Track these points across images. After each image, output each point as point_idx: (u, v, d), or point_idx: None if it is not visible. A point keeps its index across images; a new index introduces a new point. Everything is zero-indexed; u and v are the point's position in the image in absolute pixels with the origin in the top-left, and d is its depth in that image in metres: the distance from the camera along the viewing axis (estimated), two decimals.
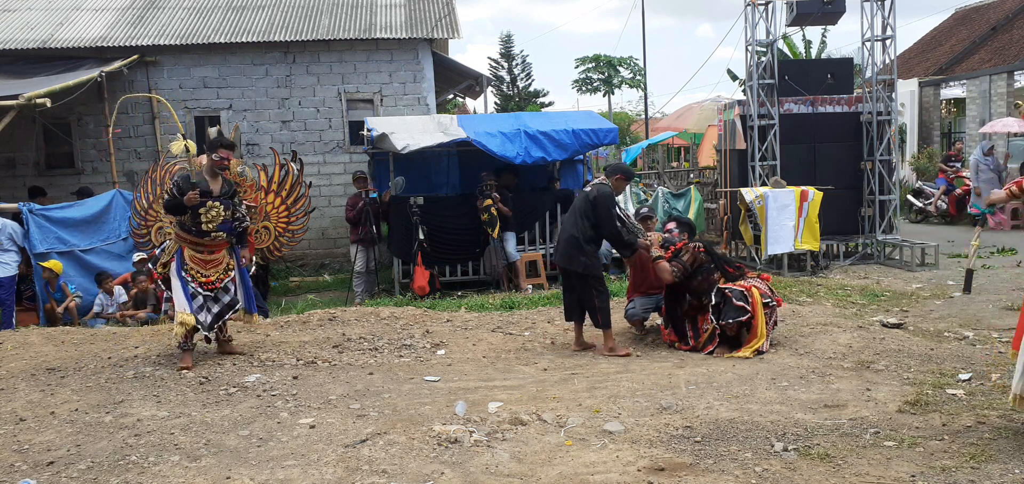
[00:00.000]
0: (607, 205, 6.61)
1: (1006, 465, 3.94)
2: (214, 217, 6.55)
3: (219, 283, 6.64)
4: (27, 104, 10.65)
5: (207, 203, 6.50)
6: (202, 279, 6.57)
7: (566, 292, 6.93)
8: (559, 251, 6.92)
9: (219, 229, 6.60)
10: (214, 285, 6.61)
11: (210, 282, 6.60)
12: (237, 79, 14.18)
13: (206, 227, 6.53)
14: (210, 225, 6.54)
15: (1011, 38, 20.58)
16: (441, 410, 5.16)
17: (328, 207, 14.23)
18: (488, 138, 10.78)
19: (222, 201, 6.61)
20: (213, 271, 6.64)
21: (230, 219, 6.73)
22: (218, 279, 6.64)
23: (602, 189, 6.70)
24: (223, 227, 6.63)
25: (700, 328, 6.67)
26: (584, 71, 42.03)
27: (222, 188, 6.66)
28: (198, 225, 6.52)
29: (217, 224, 6.57)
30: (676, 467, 4.10)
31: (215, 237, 6.60)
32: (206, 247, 6.62)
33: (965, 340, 6.70)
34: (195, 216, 6.50)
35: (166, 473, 4.22)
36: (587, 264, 6.66)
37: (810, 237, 10.19)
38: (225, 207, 6.63)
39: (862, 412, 4.86)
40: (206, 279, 6.58)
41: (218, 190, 6.61)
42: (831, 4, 11.54)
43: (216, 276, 6.64)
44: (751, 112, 11.29)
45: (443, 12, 14.99)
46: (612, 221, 6.63)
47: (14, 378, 6.24)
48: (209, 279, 6.59)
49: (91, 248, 10.50)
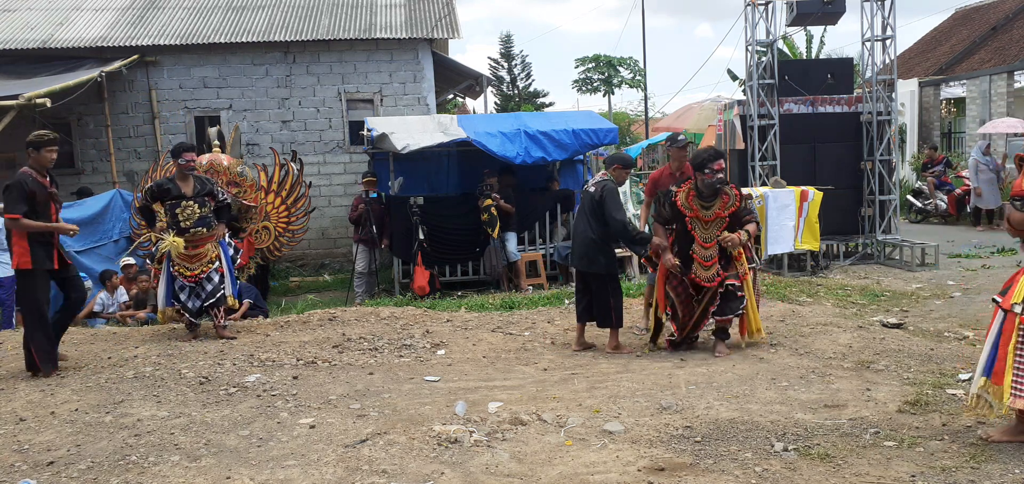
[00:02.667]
0: (613, 201, 6.62)
1: (1006, 465, 3.94)
2: (190, 215, 7.32)
3: (203, 274, 7.39)
4: (27, 104, 10.67)
5: (182, 203, 7.31)
6: (187, 273, 7.36)
7: (581, 294, 6.90)
8: (576, 255, 6.91)
9: (197, 225, 7.34)
10: (197, 277, 7.37)
11: (194, 274, 7.36)
12: (237, 79, 14.19)
13: (184, 224, 7.31)
14: (187, 223, 7.31)
15: (1011, 38, 20.58)
16: (441, 410, 5.15)
17: (328, 207, 14.24)
18: (488, 138, 10.79)
19: (196, 200, 7.34)
20: (197, 265, 7.38)
21: (207, 214, 7.42)
22: (201, 271, 7.38)
23: (606, 186, 6.68)
24: (201, 223, 7.36)
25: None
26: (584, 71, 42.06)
27: (195, 188, 7.38)
28: (177, 224, 7.32)
29: (194, 221, 7.32)
30: (676, 467, 4.10)
31: (195, 233, 7.34)
32: (189, 243, 7.35)
33: (965, 340, 6.70)
34: (173, 217, 7.33)
35: (166, 473, 4.22)
36: (607, 264, 6.70)
37: (810, 237, 10.19)
38: (200, 204, 7.36)
39: (862, 412, 4.86)
40: (190, 273, 7.36)
41: (190, 191, 7.35)
42: (831, 4, 11.54)
43: (200, 269, 7.38)
44: (751, 112, 11.29)
45: (443, 12, 14.99)
46: (621, 218, 6.62)
47: (14, 378, 6.24)
48: (193, 272, 7.36)
49: (85, 250, 10.49)
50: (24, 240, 6.22)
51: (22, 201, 6.19)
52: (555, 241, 11.58)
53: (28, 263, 6.23)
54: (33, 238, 6.24)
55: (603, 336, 6.91)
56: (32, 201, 6.23)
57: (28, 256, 6.22)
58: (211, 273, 7.43)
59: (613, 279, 6.76)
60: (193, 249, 7.38)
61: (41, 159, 6.38)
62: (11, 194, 6.23)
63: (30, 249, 6.23)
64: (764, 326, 7.25)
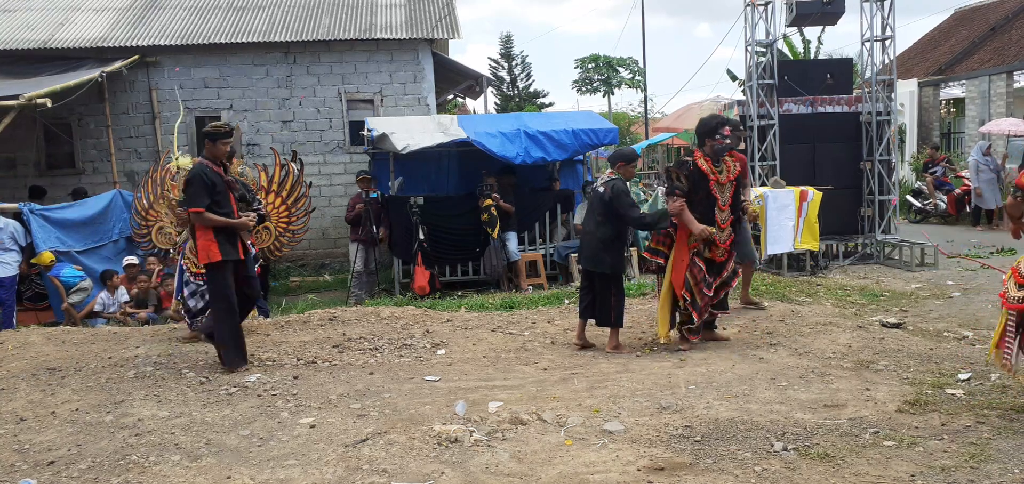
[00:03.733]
0: (624, 200, 6.66)
1: (1005, 465, 3.95)
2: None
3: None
4: (28, 104, 10.67)
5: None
6: (195, 269, 7.03)
7: (585, 291, 6.96)
8: (583, 254, 7.03)
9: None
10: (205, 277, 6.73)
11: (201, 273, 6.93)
12: (238, 79, 14.20)
13: None
14: None
15: (1010, 38, 20.58)
16: (441, 410, 5.16)
17: (328, 207, 14.24)
18: (488, 138, 10.80)
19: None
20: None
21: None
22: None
23: (615, 185, 6.72)
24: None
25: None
26: (584, 72, 42.10)
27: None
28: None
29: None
30: (676, 467, 4.11)
31: None
32: None
33: (964, 340, 6.71)
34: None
35: (167, 473, 4.23)
36: (612, 264, 6.75)
37: (810, 237, 10.20)
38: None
39: (861, 412, 4.87)
40: (198, 270, 6.95)
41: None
42: (831, 4, 11.54)
43: None
44: (751, 112, 11.30)
45: (443, 12, 15.00)
46: (634, 213, 6.71)
47: (15, 378, 6.24)
48: (200, 270, 6.89)
49: (86, 250, 10.51)
50: (209, 233, 6.03)
51: (204, 194, 6.01)
52: (555, 241, 11.59)
53: (217, 255, 6.03)
54: (218, 230, 6.06)
55: (604, 336, 6.93)
56: (212, 192, 6.04)
57: (216, 249, 6.03)
58: None
59: (617, 279, 6.81)
60: None
61: (216, 151, 6.21)
62: (193, 187, 6.06)
63: (217, 242, 6.04)
64: (764, 326, 7.29)
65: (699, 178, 6.51)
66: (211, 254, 6.06)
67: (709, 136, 6.54)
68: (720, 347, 6.61)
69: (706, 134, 6.57)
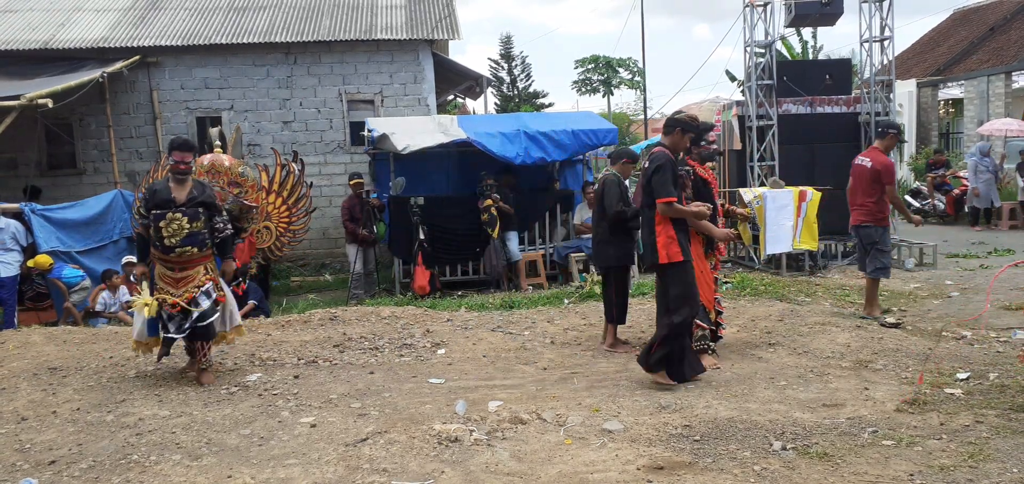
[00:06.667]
0: (611, 193, 6.73)
1: (1004, 464, 3.96)
2: (176, 230, 5.83)
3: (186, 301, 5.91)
4: (29, 104, 10.68)
5: (167, 214, 5.83)
6: (170, 299, 5.89)
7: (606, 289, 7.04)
8: (593, 252, 7.21)
9: (184, 244, 5.86)
10: (179, 307, 5.89)
11: (175, 303, 5.88)
12: (238, 80, 14.21)
13: (168, 242, 5.83)
14: (172, 240, 5.83)
15: (1009, 39, 20.61)
16: (441, 409, 5.18)
17: (329, 207, 14.25)
18: (488, 138, 10.81)
19: (186, 212, 5.86)
20: (182, 290, 5.91)
21: (199, 231, 5.93)
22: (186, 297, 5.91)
23: (606, 179, 6.87)
24: (189, 241, 5.87)
25: None
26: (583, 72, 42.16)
27: (189, 195, 5.92)
28: (161, 241, 5.86)
29: (180, 238, 5.84)
30: (675, 466, 4.13)
31: (181, 253, 5.87)
32: (174, 264, 5.92)
33: (963, 339, 6.73)
34: (156, 231, 5.85)
35: (168, 472, 4.25)
36: (616, 256, 6.84)
37: (808, 237, 10.22)
38: (190, 218, 5.87)
39: (860, 411, 4.88)
40: (173, 300, 5.88)
41: (183, 198, 5.89)
42: (829, 5, 11.56)
43: (183, 297, 5.90)
44: (749, 113, 11.32)
45: (443, 13, 15.02)
46: (613, 205, 6.71)
47: (16, 377, 6.25)
48: (175, 301, 5.88)
49: (86, 250, 10.51)
50: (671, 228, 5.48)
51: (673, 184, 5.48)
52: (555, 241, 11.61)
53: (678, 255, 5.48)
54: (679, 226, 5.52)
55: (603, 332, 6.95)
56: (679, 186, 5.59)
57: (677, 247, 5.47)
58: (199, 296, 5.92)
59: (621, 273, 6.86)
60: (179, 271, 5.93)
61: (676, 142, 5.71)
62: (663, 175, 5.46)
63: (677, 237, 5.49)
64: (763, 325, 7.31)
65: (703, 186, 6.40)
66: (673, 254, 5.53)
67: (695, 144, 6.22)
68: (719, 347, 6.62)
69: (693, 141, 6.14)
